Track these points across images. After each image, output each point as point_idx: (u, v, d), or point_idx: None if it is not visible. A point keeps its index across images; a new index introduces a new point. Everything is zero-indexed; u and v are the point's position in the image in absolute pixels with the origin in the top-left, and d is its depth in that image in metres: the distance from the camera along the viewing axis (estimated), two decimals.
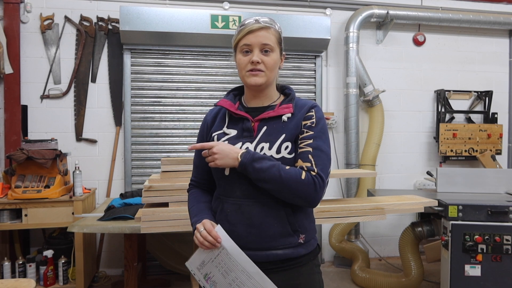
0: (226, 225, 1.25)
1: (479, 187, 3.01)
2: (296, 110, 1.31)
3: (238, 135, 1.30)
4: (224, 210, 1.28)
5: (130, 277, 2.56)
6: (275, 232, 1.23)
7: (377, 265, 3.72)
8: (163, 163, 2.20)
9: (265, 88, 1.33)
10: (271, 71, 1.29)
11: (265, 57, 1.28)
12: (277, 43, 1.31)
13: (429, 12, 3.82)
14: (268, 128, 1.28)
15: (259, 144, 1.26)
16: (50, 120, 3.35)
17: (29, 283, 1.78)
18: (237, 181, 1.26)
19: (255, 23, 1.28)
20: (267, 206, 1.24)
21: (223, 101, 1.36)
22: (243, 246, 1.22)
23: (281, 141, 1.25)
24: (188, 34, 3.33)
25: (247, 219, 1.24)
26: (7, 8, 3.20)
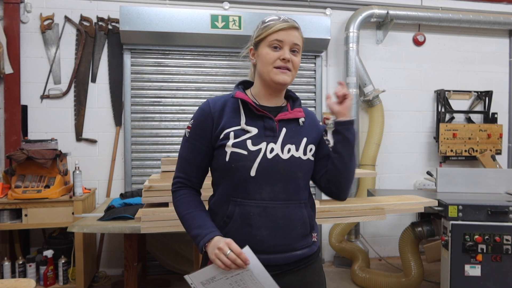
0: (247, 229, 1.21)
1: (479, 187, 3.01)
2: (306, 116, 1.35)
3: (260, 134, 1.24)
4: (245, 214, 1.21)
5: (130, 277, 2.56)
6: (298, 233, 1.25)
7: (377, 265, 3.72)
8: (163, 163, 2.20)
9: (284, 88, 1.33)
10: (296, 71, 1.29)
11: (294, 57, 1.27)
12: (302, 46, 1.32)
13: (429, 12, 3.82)
14: (288, 130, 1.28)
15: (285, 145, 1.24)
16: (50, 120, 3.35)
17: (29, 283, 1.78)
18: (263, 182, 1.21)
19: (284, 22, 1.26)
20: (291, 208, 1.24)
21: (241, 94, 1.28)
22: (265, 250, 1.20)
23: (305, 143, 1.28)
24: (188, 34, 3.33)
25: (272, 222, 1.21)
26: (7, 8, 3.20)
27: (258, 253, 1.15)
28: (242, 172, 1.21)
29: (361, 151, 3.80)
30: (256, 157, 1.21)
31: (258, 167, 1.20)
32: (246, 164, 1.20)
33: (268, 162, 1.21)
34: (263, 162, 1.21)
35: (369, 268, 3.38)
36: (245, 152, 1.21)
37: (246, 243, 1.16)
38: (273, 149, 1.23)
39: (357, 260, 3.39)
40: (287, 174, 1.23)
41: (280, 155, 1.23)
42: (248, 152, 1.21)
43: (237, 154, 1.21)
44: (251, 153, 1.21)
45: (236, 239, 1.17)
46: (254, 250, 1.14)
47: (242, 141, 1.22)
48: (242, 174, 1.21)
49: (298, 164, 1.25)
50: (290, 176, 1.23)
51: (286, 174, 1.23)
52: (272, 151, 1.23)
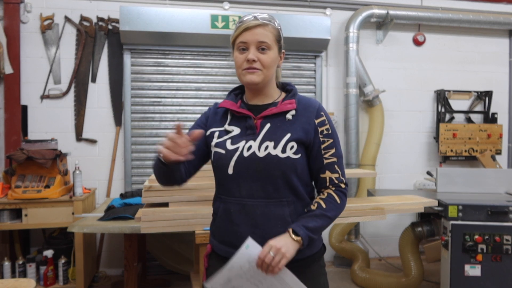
0: (229, 225, 1.25)
1: (479, 187, 3.01)
2: (300, 108, 1.29)
3: (241, 133, 1.27)
4: (227, 210, 1.26)
5: (130, 277, 2.56)
6: (279, 233, 1.20)
7: (377, 265, 3.72)
8: None
9: (263, 87, 1.30)
10: (268, 69, 1.26)
11: (262, 55, 1.24)
12: (275, 41, 1.27)
13: (429, 12, 3.82)
14: (272, 126, 1.26)
15: (263, 142, 1.23)
16: (50, 120, 3.35)
17: (29, 283, 1.78)
18: (241, 180, 1.24)
19: (253, 19, 1.25)
20: (271, 206, 1.23)
21: (225, 102, 1.33)
22: None
23: (286, 140, 1.23)
24: (188, 34, 3.33)
25: (251, 219, 1.23)
26: (7, 8, 3.20)
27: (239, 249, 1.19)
28: (222, 171, 1.27)
29: (361, 151, 3.80)
30: (232, 155, 1.24)
31: (235, 165, 1.24)
32: (224, 163, 1.26)
33: (244, 161, 1.23)
34: (240, 160, 1.23)
35: (369, 268, 3.38)
36: (223, 151, 1.26)
37: (229, 238, 1.26)
38: (251, 147, 1.23)
39: (357, 260, 3.39)
40: (263, 172, 1.22)
41: (256, 153, 1.23)
42: (225, 151, 1.26)
43: (218, 153, 1.28)
44: (229, 152, 1.25)
45: (222, 234, 1.29)
46: (237, 245, 1.18)
47: (223, 141, 1.28)
48: (222, 172, 1.27)
49: (275, 162, 1.22)
50: (267, 174, 1.22)
51: (262, 172, 1.22)
52: (250, 149, 1.23)
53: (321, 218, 1.22)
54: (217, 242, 1.31)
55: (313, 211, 1.23)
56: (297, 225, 1.19)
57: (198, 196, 2.15)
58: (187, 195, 2.14)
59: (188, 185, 2.13)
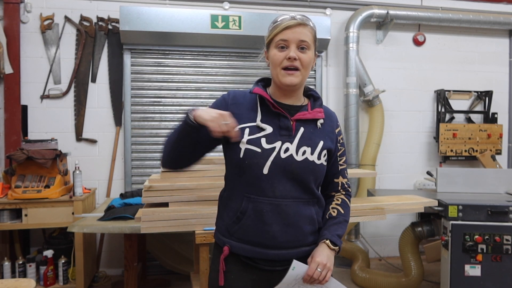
0: (260, 225, 1.23)
1: (479, 187, 3.01)
2: (325, 117, 1.32)
3: (275, 133, 1.24)
4: (258, 210, 1.23)
5: (130, 277, 2.56)
6: (308, 230, 1.27)
7: (377, 265, 3.72)
8: None
9: (297, 89, 1.28)
10: (306, 69, 1.25)
11: (302, 54, 1.23)
12: (313, 41, 1.26)
13: (429, 12, 3.82)
14: (306, 131, 1.27)
15: (301, 147, 1.24)
16: (50, 120, 3.35)
17: (29, 283, 1.78)
18: (275, 181, 1.22)
19: (292, 19, 1.23)
20: (301, 206, 1.26)
21: (260, 90, 1.27)
22: (277, 245, 1.25)
23: (321, 148, 1.27)
24: (188, 34, 3.33)
25: (283, 218, 1.24)
26: (7, 8, 3.20)
27: (270, 248, 1.24)
28: (255, 169, 1.22)
29: (361, 151, 3.80)
30: (269, 155, 1.22)
31: (271, 165, 1.22)
32: (259, 162, 1.22)
33: (281, 162, 1.22)
34: (276, 161, 1.22)
35: (369, 268, 3.38)
36: (258, 150, 1.22)
37: (259, 238, 1.24)
38: (288, 149, 1.23)
39: (357, 260, 3.39)
40: (299, 176, 1.24)
41: (294, 156, 1.23)
42: (262, 150, 1.22)
43: (251, 151, 1.22)
44: (265, 151, 1.22)
45: (249, 234, 1.25)
46: (266, 245, 1.24)
47: (256, 138, 1.23)
48: (255, 171, 1.22)
49: (311, 168, 1.25)
50: (302, 178, 1.24)
51: (298, 176, 1.24)
52: (287, 151, 1.23)
53: (344, 224, 1.32)
54: (240, 242, 1.26)
55: (336, 218, 1.32)
56: (332, 235, 1.27)
57: (198, 196, 2.15)
58: (187, 195, 2.14)
59: (188, 185, 2.14)
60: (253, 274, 1.28)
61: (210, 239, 2.09)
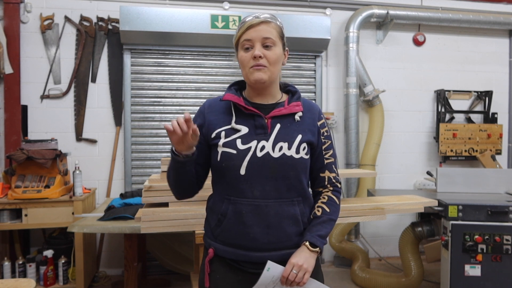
0: (240, 227, 1.23)
1: (479, 187, 3.01)
2: (305, 110, 1.31)
3: (250, 133, 1.24)
4: (238, 212, 1.23)
5: (130, 277, 2.56)
6: (291, 231, 1.25)
7: (377, 265, 3.72)
8: (163, 163, 2.20)
9: (269, 85, 1.28)
10: (274, 66, 1.24)
11: (267, 51, 1.23)
12: (279, 37, 1.26)
13: (429, 12, 3.82)
14: (282, 127, 1.26)
15: (277, 143, 1.23)
16: (50, 120, 3.35)
17: (29, 283, 1.78)
18: (254, 181, 1.22)
19: (255, 18, 1.24)
20: (283, 206, 1.24)
21: (229, 96, 1.28)
22: (259, 247, 1.23)
23: (299, 141, 1.25)
24: (188, 34, 3.33)
25: (263, 220, 1.22)
26: (7, 8, 3.20)
27: (252, 251, 1.23)
28: (232, 171, 1.23)
29: (361, 151, 3.80)
30: (245, 155, 1.22)
31: (248, 166, 1.21)
32: (236, 163, 1.22)
33: (258, 161, 1.21)
34: (253, 160, 1.21)
35: (369, 268, 3.38)
36: (234, 151, 1.23)
37: (240, 240, 1.23)
38: (264, 147, 1.22)
39: (357, 260, 3.39)
40: (278, 173, 1.22)
41: (270, 153, 1.22)
42: (237, 151, 1.22)
43: (227, 153, 1.23)
44: (240, 152, 1.22)
45: (230, 236, 1.25)
46: (248, 247, 1.23)
47: (232, 140, 1.24)
48: (233, 173, 1.23)
49: (290, 163, 1.23)
50: (281, 175, 1.23)
51: (277, 173, 1.22)
52: (263, 149, 1.22)
53: (329, 223, 1.28)
54: (223, 245, 1.27)
55: (320, 217, 1.28)
56: (311, 236, 1.23)
57: (198, 196, 2.14)
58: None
59: None
60: (238, 276, 1.27)
61: None
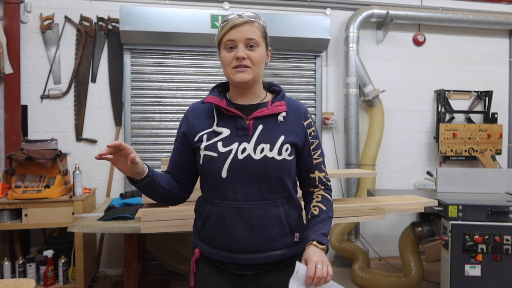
0: (224, 229, 1.22)
1: (479, 187, 3.01)
2: (289, 110, 1.28)
3: (232, 135, 1.23)
4: (220, 214, 1.23)
5: (130, 277, 2.56)
6: (275, 233, 1.23)
7: (377, 265, 3.72)
8: (163, 163, 2.20)
9: (252, 85, 1.27)
10: (258, 66, 1.23)
11: (251, 52, 1.22)
12: (262, 38, 1.25)
13: (429, 12, 3.82)
14: (265, 128, 1.24)
15: (258, 144, 1.22)
16: (50, 120, 3.35)
17: (29, 283, 1.78)
18: (235, 183, 1.21)
19: (239, 17, 1.22)
20: (266, 208, 1.22)
21: (211, 98, 1.28)
22: (243, 250, 1.22)
23: (281, 143, 1.23)
24: (188, 34, 3.33)
25: (246, 222, 1.21)
26: (7, 8, 3.20)
27: (236, 253, 1.22)
28: (214, 174, 1.23)
29: (361, 151, 3.80)
30: (226, 158, 1.21)
31: (229, 168, 1.21)
32: (217, 166, 1.22)
33: (239, 163, 1.21)
34: (234, 163, 1.21)
35: (369, 268, 3.38)
36: (215, 154, 1.22)
37: (224, 242, 1.23)
38: (245, 149, 1.21)
39: (357, 260, 3.39)
40: (260, 175, 1.21)
41: (252, 155, 1.21)
42: (218, 154, 1.22)
43: (208, 156, 1.23)
44: (221, 155, 1.22)
45: (214, 238, 1.25)
46: (232, 249, 1.22)
47: (213, 143, 1.23)
48: (215, 176, 1.23)
49: (271, 165, 1.21)
50: (263, 177, 1.21)
51: (258, 175, 1.21)
52: (244, 151, 1.21)
53: (328, 221, 1.28)
54: (209, 246, 1.27)
55: (319, 216, 1.27)
56: (317, 235, 1.21)
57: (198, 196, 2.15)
58: None
59: None
60: (224, 277, 1.27)
61: None
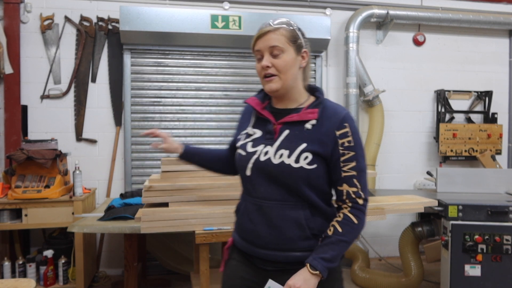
0: (248, 224, 1.29)
1: (479, 187, 3.01)
2: (323, 118, 1.24)
3: (262, 137, 1.29)
4: (247, 209, 1.30)
5: (130, 277, 2.56)
6: (294, 235, 1.23)
7: (377, 265, 3.72)
8: (163, 163, 2.20)
9: (286, 92, 1.28)
10: (285, 73, 1.24)
11: (275, 60, 1.23)
12: (288, 43, 1.24)
13: (429, 12, 3.82)
14: (290, 134, 1.24)
15: (279, 150, 1.23)
16: (50, 120, 3.35)
17: (29, 283, 1.78)
18: (257, 183, 1.26)
19: (265, 27, 1.25)
20: (286, 209, 1.23)
21: (252, 99, 1.36)
22: (263, 245, 1.26)
23: (301, 151, 1.21)
24: (188, 34, 3.33)
25: (267, 220, 1.25)
26: (7, 8, 3.20)
27: (260, 248, 1.27)
28: (241, 171, 1.32)
29: None
30: (250, 158, 1.27)
31: (252, 168, 1.27)
32: (243, 165, 1.30)
33: (260, 164, 1.25)
34: (256, 164, 1.26)
35: (369, 268, 3.38)
36: (244, 153, 1.30)
37: (248, 236, 1.30)
38: (268, 152, 1.25)
39: (357, 260, 3.39)
40: (278, 179, 1.23)
41: (271, 159, 1.23)
42: (246, 153, 1.30)
43: (239, 154, 1.33)
44: (248, 155, 1.29)
45: (242, 230, 1.33)
46: (255, 244, 1.28)
47: (245, 143, 1.32)
48: (242, 173, 1.32)
49: (288, 171, 1.21)
50: (282, 181, 1.23)
51: (277, 178, 1.23)
52: (266, 154, 1.25)
53: (338, 245, 1.20)
54: (239, 237, 1.35)
55: (329, 237, 1.20)
56: (314, 258, 1.18)
57: (198, 196, 2.15)
58: (187, 195, 2.14)
59: (188, 185, 2.14)
60: (251, 268, 1.32)
61: (210, 239, 2.09)
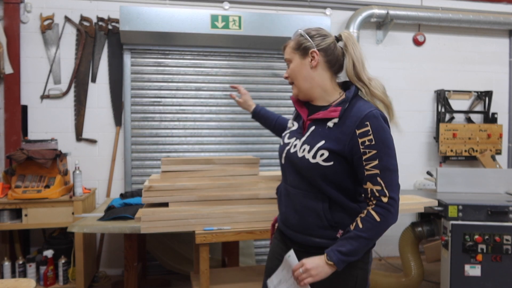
0: (282, 206, 1.46)
1: (479, 187, 3.01)
2: (345, 116, 1.28)
3: (296, 130, 1.43)
4: (281, 193, 1.47)
5: (130, 277, 2.56)
6: (312, 222, 1.33)
7: (377, 265, 3.72)
8: (163, 163, 2.20)
9: (309, 93, 1.39)
10: (296, 79, 1.39)
11: (289, 70, 1.42)
12: (293, 52, 1.39)
13: (429, 12, 3.82)
14: (314, 130, 1.34)
15: (303, 144, 1.34)
16: (50, 120, 3.35)
17: (29, 283, 1.78)
18: (288, 171, 1.40)
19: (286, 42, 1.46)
20: (307, 198, 1.34)
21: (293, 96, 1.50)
22: (289, 226, 1.41)
23: (318, 147, 1.29)
24: (188, 34, 3.33)
25: (293, 205, 1.39)
26: (7, 8, 3.20)
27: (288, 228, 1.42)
28: (279, 159, 1.47)
29: None
30: (284, 148, 1.42)
31: (285, 158, 1.42)
32: (280, 153, 1.46)
33: (289, 156, 1.39)
34: (287, 154, 1.40)
35: None
36: (282, 143, 1.47)
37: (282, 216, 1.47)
38: (296, 145, 1.37)
39: None
40: (301, 171, 1.34)
41: (297, 152, 1.35)
42: (283, 143, 1.45)
43: (280, 144, 1.48)
44: (284, 145, 1.44)
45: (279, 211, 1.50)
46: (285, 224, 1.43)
47: (285, 134, 1.48)
48: (280, 160, 1.47)
49: (306, 166, 1.31)
50: (304, 173, 1.34)
51: (300, 170, 1.35)
52: (295, 147, 1.37)
53: (357, 240, 1.22)
54: (278, 217, 1.52)
55: (349, 232, 1.25)
56: (331, 249, 1.24)
57: (198, 196, 2.15)
58: (187, 195, 2.14)
59: (188, 185, 2.14)
60: (285, 246, 1.44)
61: (209, 239, 2.09)
